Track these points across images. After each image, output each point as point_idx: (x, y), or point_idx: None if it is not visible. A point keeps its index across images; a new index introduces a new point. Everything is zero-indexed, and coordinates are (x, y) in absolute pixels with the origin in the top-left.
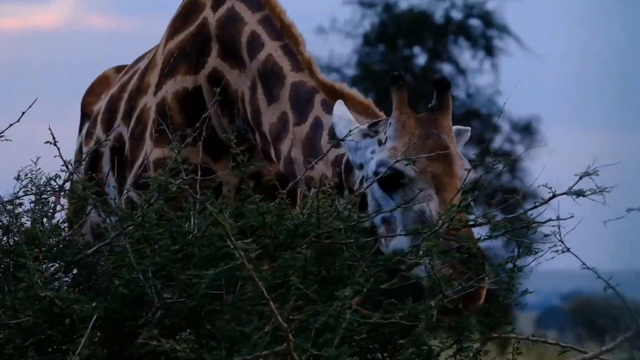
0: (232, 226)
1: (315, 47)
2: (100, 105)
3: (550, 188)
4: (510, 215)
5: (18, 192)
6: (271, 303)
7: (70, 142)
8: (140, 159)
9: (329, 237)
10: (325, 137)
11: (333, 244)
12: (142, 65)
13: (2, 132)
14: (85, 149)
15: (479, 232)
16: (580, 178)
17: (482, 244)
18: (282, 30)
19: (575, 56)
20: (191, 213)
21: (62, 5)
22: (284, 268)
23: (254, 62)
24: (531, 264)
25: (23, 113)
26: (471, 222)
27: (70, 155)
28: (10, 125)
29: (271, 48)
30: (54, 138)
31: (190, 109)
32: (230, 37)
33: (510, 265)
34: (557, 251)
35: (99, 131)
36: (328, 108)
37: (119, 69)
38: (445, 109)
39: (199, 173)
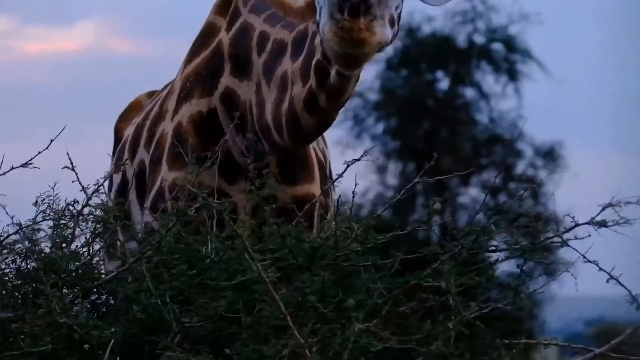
0: (250, 244)
1: None
2: (130, 131)
3: (572, 217)
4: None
5: (36, 217)
6: (289, 318)
7: (89, 166)
8: (157, 183)
9: (346, 259)
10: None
11: (351, 266)
12: (165, 91)
13: (31, 160)
14: (114, 175)
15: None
16: (603, 209)
17: (502, 269)
18: (285, 15)
19: (599, 80)
20: (209, 237)
21: (84, 28)
22: (301, 289)
23: (260, 57)
24: (553, 289)
25: (52, 140)
26: (492, 248)
27: (88, 180)
28: (39, 152)
29: (275, 33)
30: (71, 163)
31: (206, 131)
32: (242, 49)
33: (529, 290)
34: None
35: (126, 157)
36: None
37: (150, 94)
38: None
39: (215, 197)
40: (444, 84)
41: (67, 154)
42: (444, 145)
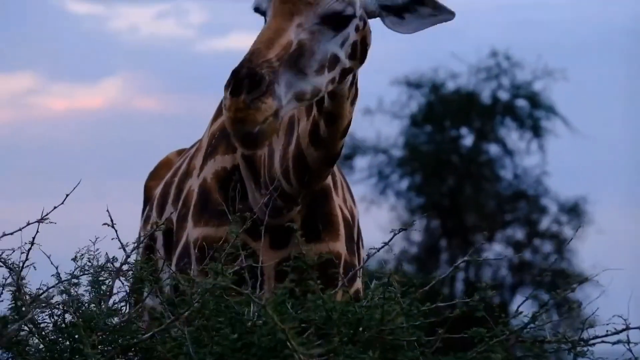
0: (294, 317)
1: (362, 128)
2: (159, 189)
3: (625, 320)
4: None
5: (74, 271)
6: None
7: (127, 222)
8: (182, 240)
9: (391, 333)
10: None
11: (395, 340)
12: (193, 149)
13: (47, 214)
14: (142, 233)
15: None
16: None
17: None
18: None
19: (624, 135)
20: (251, 300)
21: (110, 85)
22: None
23: None
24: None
25: (67, 195)
26: (541, 339)
27: (127, 237)
28: (55, 207)
29: None
30: (111, 220)
31: (229, 188)
32: None
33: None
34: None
35: (154, 215)
36: None
37: (180, 152)
38: None
39: (261, 258)
40: (468, 140)
41: (108, 211)
42: (469, 201)
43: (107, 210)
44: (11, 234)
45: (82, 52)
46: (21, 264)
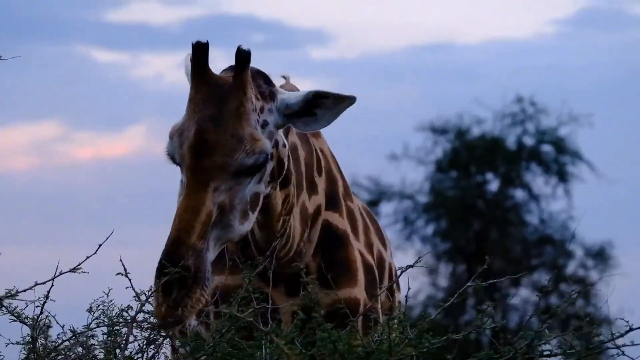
0: (302, 354)
1: (388, 174)
2: None
3: (627, 321)
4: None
5: (90, 323)
6: None
7: (139, 270)
8: None
9: None
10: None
11: None
12: None
13: (79, 264)
14: None
15: None
16: None
17: None
18: None
19: None
20: (262, 342)
21: (134, 133)
22: None
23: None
24: None
25: (100, 245)
26: (547, 353)
27: (141, 285)
28: (87, 257)
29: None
30: (125, 270)
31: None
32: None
33: None
34: None
35: None
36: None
37: None
38: (238, 86)
39: (270, 302)
40: (493, 185)
41: (121, 260)
42: (495, 246)
43: (120, 260)
44: (43, 283)
45: (107, 100)
46: (36, 318)
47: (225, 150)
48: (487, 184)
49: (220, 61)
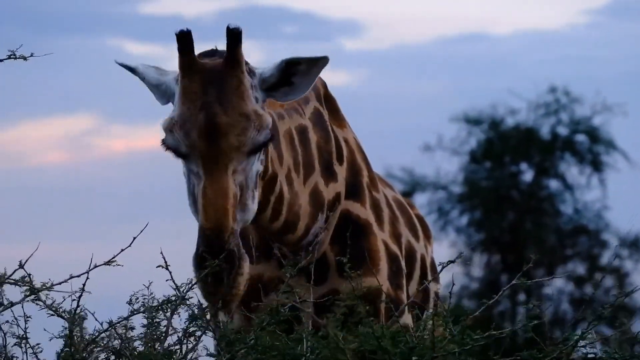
0: (347, 349)
1: (422, 165)
2: None
3: None
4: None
5: (129, 315)
6: None
7: (179, 263)
8: None
9: (444, 359)
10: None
11: None
12: None
13: (114, 257)
14: None
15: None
16: None
17: None
18: None
19: None
20: (304, 335)
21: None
22: None
23: None
24: None
25: (134, 238)
26: (591, 356)
27: (178, 278)
28: (122, 250)
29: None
30: (165, 262)
31: None
32: None
33: None
34: None
35: None
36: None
37: None
38: (234, 65)
39: (312, 296)
40: (528, 175)
41: (162, 252)
42: (529, 236)
43: (161, 252)
44: (78, 276)
45: (141, 93)
46: (73, 311)
47: (237, 130)
48: (521, 174)
49: (254, 53)
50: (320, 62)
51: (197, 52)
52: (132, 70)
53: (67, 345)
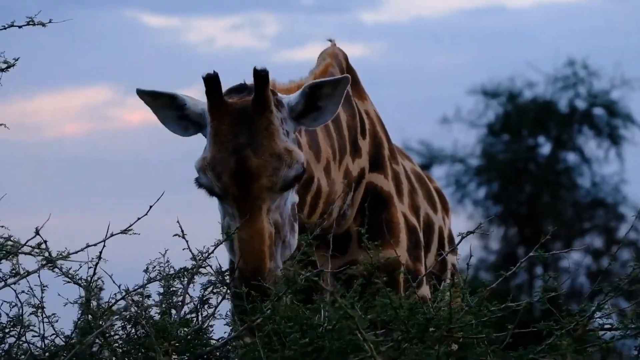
0: (363, 319)
1: (440, 138)
2: None
3: None
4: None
5: (145, 284)
6: None
7: (196, 233)
8: None
9: (460, 330)
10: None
11: (465, 338)
12: None
13: (130, 225)
14: None
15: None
16: None
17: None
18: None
19: None
20: (321, 305)
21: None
22: None
23: None
24: None
25: (150, 207)
26: (608, 326)
27: (199, 246)
28: (138, 219)
29: None
30: (182, 231)
31: None
32: None
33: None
34: None
35: None
36: None
37: None
38: (262, 106)
39: (330, 265)
40: (545, 148)
41: (178, 222)
42: (546, 209)
43: (178, 222)
44: (95, 244)
45: (158, 65)
46: (90, 279)
47: (269, 171)
48: (538, 148)
49: (271, 25)
50: (342, 82)
51: (225, 86)
52: (155, 95)
53: (84, 312)
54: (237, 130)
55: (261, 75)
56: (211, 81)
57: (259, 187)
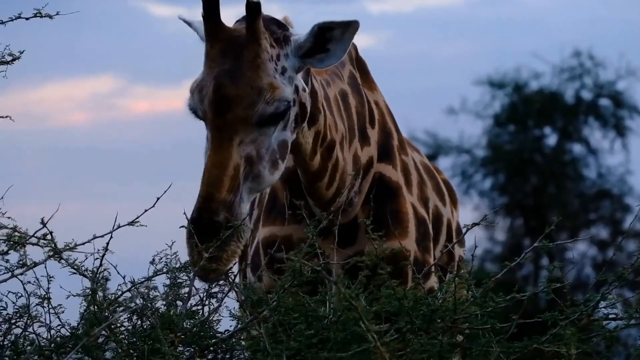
0: (367, 310)
1: (445, 128)
2: None
3: None
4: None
5: (152, 275)
6: None
7: None
8: (255, 240)
9: (464, 321)
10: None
11: (469, 329)
12: None
13: (137, 218)
14: None
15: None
16: None
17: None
18: None
19: None
20: (326, 297)
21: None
22: (419, 352)
23: None
24: None
25: (158, 198)
26: (612, 316)
27: None
28: (145, 210)
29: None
30: (188, 222)
31: (293, 187)
32: None
33: None
34: None
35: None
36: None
37: None
38: (252, 37)
39: (335, 257)
40: (551, 139)
41: (185, 213)
42: (552, 200)
43: (184, 213)
44: (102, 236)
45: (164, 54)
46: (96, 270)
47: (245, 103)
48: (544, 138)
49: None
50: (351, 27)
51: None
52: (189, 24)
53: (90, 304)
54: (225, 57)
55: (252, 7)
56: (209, 3)
57: (232, 117)
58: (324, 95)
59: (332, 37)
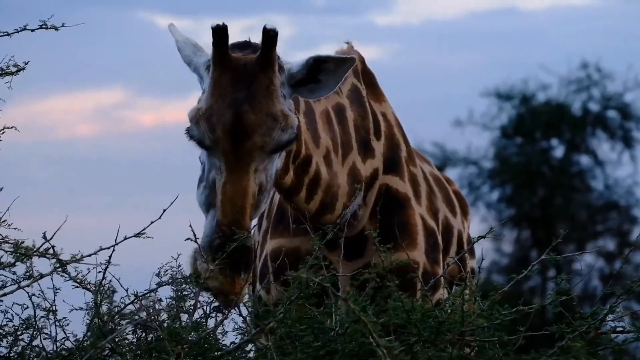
0: (375, 324)
1: (453, 140)
2: None
3: None
4: None
5: (156, 288)
6: None
7: None
8: (263, 253)
9: (472, 333)
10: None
11: (476, 341)
12: None
13: (144, 229)
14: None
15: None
16: None
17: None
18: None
19: None
20: (333, 309)
21: (197, 99)
22: None
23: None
24: None
25: (164, 210)
26: (620, 329)
27: None
28: (152, 222)
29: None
30: (194, 234)
31: None
32: None
33: None
34: None
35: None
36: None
37: None
38: (267, 65)
39: (341, 270)
40: (558, 151)
41: (190, 225)
42: (559, 212)
43: (190, 225)
44: (107, 248)
45: (171, 66)
46: (99, 283)
47: (263, 130)
48: (552, 150)
49: (283, 29)
50: (347, 63)
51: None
52: (175, 39)
53: (93, 317)
54: (238, 85)
55: (270, 35)
56: (219, 32)
57: (251, 145)
58: (304, 111)
59: (325, 68)
